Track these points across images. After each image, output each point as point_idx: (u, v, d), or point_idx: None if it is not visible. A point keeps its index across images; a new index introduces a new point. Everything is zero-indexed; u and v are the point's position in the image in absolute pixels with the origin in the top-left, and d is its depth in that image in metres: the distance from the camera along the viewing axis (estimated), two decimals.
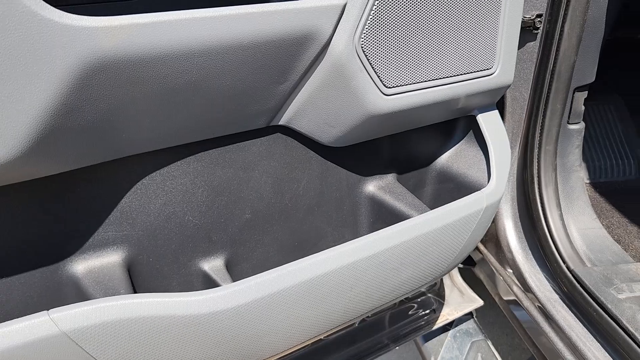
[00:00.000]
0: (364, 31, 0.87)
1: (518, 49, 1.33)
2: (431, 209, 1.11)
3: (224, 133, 0.88)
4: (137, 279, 0.90)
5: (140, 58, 0.67)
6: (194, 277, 0.96)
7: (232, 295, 0.77)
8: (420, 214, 1.03)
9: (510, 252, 1.51)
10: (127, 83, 0.69)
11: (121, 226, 0.87)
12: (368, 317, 1.51)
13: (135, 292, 0.90)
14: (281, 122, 0.94)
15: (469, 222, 1.06)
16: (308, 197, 1.04)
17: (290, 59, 0.83)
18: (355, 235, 1.12)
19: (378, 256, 0.92)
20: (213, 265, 0.95)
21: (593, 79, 1.41)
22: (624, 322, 1.19)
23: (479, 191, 1.08)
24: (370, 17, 0.87)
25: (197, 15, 0.71)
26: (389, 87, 0.94)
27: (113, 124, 0.73)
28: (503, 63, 1.09)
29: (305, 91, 0.90)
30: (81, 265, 0.87)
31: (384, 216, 1.11)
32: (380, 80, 0.92)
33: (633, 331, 1.17)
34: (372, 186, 1.13)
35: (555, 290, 1.41)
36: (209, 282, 0.94)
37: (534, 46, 1.34)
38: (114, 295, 0.79)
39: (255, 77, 0.81)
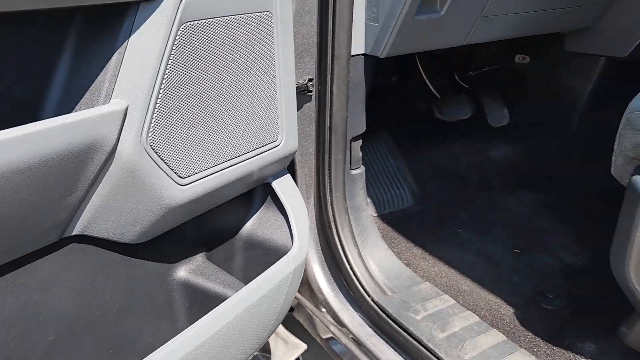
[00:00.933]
0: (151, 130, 0.87)
1: (298, 109, 1.45)
2: (243, 280, 1.14)
3: (10, 259, 0.80)
4: None
5: None
6: None
7: None
8: (234, 291, 1.06)
9: (322, 294, 1.62)
10: None
11: None
12: None
13: None
14: (75, 232, 0.88)
15: (281, 287, 1.12)
16: (117, 299, 0.99)
17: (77, 171, 0.79)
18: (174, 325, 1.10)
19: (200, 348, 0.92)
20: None
21: (364, 129, 1.60)
22: (424, 341, 1.36)
23: (285, 256, 1.14)
24: (155, 115, 0.87)
25: None
26: (184, 177, 0.95)
27: None
28: (287, 133, 1.19)
29: (97, 197, 0.86)
30: None
31: (200, 299, 1.11)
32: (175, 172, 0.93)
33: (432, 347, 1.34)
34: (183, 271, 1.13)
35: (365, 323, 1.54)
36: None
37: (311, 106, 1.48)
38: None
39: (39, 197, 0.76)
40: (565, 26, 1.90)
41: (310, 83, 1.43)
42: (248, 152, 1.09)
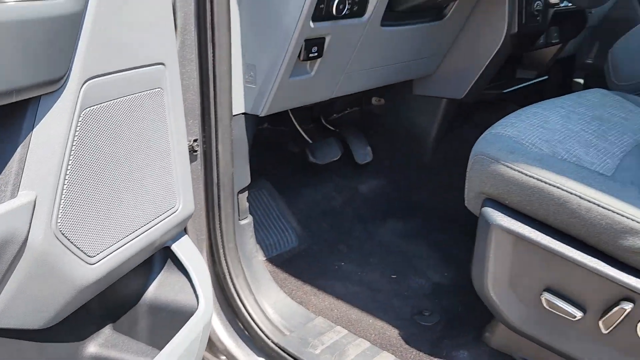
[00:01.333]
0: (60, 216, 0.90)
1: None
2: (154, 346, 1.17)
3: None
4: None
5: None
6: None
7: None
8: (148, 358, 1.09)
9: (222, 343, 1.67)
10: None
11: None
12: None
13: None
14: None
15: (192, 348, 1.17)
16: None
17: None
18: None
19: None
20: None
21: (249, 182, 1.70)
22: None
23: (192, 316, 1.19)
24: (63, 201, 0.90)
25: None
26: (93, 256, 0.98)
27: None
28: (183, 198, 1.25)
29: (7, 291, 0.86)
30: None
31: None
32: (84, 252, 0.96)
33: None
34: (93, 346, 1.13)
35: None
36: None
37: (197, 165, 1.54)
38: None
39: None
40: (413, 74, 2.19)
41: (196, 143, 1.50)
42: (151, 221, 1.13)
